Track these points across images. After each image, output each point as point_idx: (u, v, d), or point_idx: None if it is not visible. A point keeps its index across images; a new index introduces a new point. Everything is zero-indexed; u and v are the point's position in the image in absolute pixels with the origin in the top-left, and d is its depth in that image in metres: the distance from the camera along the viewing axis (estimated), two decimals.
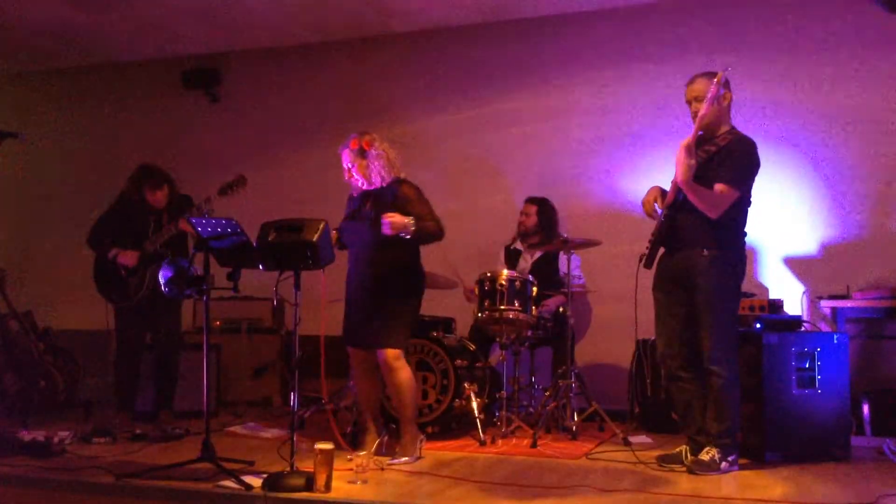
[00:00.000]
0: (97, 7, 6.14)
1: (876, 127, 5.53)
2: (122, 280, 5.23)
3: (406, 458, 4.16)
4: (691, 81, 4.03)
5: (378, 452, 4.21)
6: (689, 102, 4.03)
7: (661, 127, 5.88)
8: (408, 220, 4.06)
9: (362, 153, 4.27)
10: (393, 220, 4.05)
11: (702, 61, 4.95)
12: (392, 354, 4.20)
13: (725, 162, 3.92)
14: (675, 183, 3.95)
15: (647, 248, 4.07)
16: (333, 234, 4.27)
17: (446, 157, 6.44)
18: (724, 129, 4.02)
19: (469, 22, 6.43)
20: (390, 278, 4.23)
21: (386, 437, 4.43)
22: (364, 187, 4.32)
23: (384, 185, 4.27)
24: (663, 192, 4.08)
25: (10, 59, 7.29)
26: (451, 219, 4.39)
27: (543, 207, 5.74)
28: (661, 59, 5.97)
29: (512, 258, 5.79)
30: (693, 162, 3.84)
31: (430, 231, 4.19)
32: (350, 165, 4.29)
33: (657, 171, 5.61)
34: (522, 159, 6.34)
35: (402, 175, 4.33)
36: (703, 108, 3.88)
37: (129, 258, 5.21)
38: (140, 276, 5.19)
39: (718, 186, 3.88)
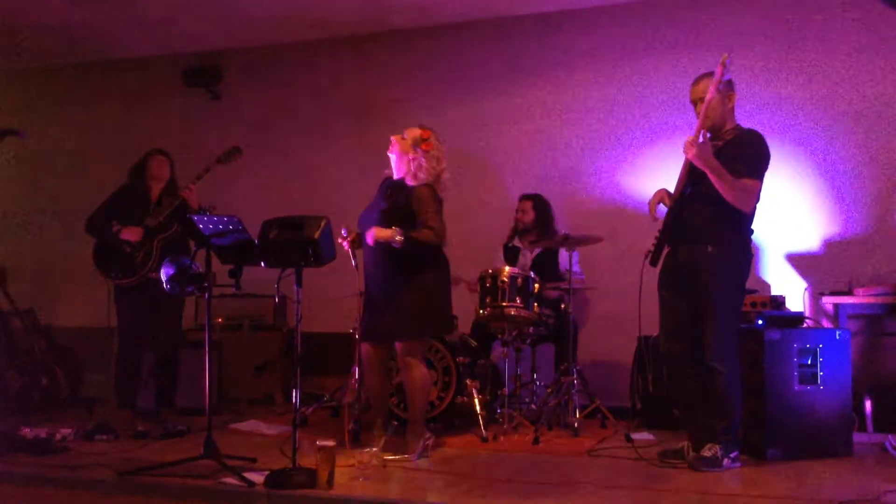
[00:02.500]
0: (97, 4, 6.13)
1: (879, 123, 5.52)
2: (127, 256, 5.20)
3: (405, 456, 4.15)
4: (696, 82, 4.02)
5: (384, 449, 4.22)
6: (693, 103, 4.01)
7: (662, 124, 5.88)
8: (392, 232, 4.03)
9: (418, 144, 4.23)
10: (377, 234, 4.07)
11: (704, 58, 4.94)
12: (404, 349, 4.19)
13: (737, 156, 3.89)
14: (681, 178, 3.94)
15: (653, 245, 4.07)
16: (353, 233, 4.29)
17: (446, 154, 6.42)
18: (729, 125, 4.02)
19: (469, 18, 6.42)
20: (401, 272, 4.19)
21: (390, 434, 4.41)
22: (396, 175, 4.31)
23: (408, 183, 4.24)
24: (670, 195, 4.08)
25: (10, 56, 7.29)
26: (450, 216, 4.38)
27: (539, 203, 5.74)
28: (662, 56, 5.96)
29: (511, 256, 5.79)
30: (706, 145, 3.80)
31: (423, 239, 4.10)
32: (406, 140, 4.25)
33: (658, 168, 5.63)
34: (522, 156, 6.33)
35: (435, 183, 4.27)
36: (709, 93, 3.84)
37: (132, 233, 5.19)
38: (147, 250, 5.18)
39: (744, 181, 3.86)
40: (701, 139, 3.78)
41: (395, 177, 4.34)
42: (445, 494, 3.51)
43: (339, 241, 4.22)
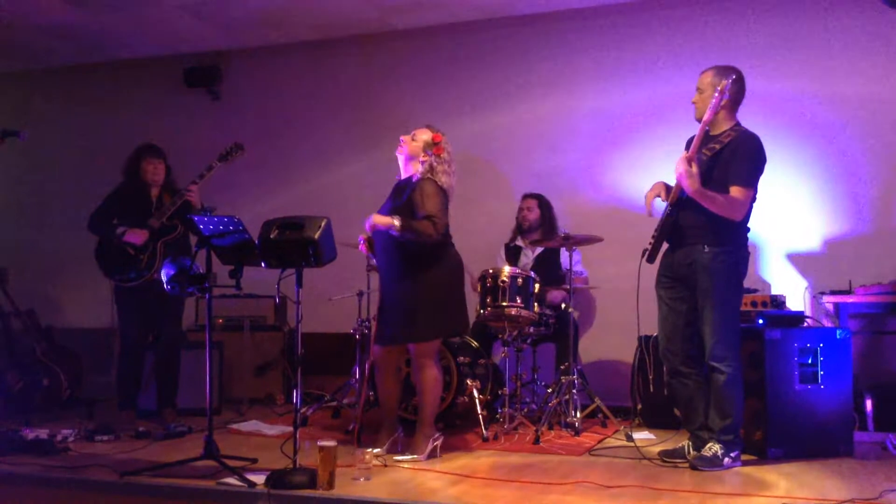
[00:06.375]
0: (97, 5, 6.14)
1: (879, 122, 5.52)
2: (131, 258, 5.19)
3: (415, 456, 4.13)
4: (703, 73, 4.04)
5: (391, 450, 4.21)
6: (697, 90, 4.03)
7: (662, 123, 5.87)
8: (391, 219, 4.02)
9: (430, 147, 4.20)
10: (375, 220, 4.09)
11: (704, 57, 4.94)
12: (417, 350, 4.16)
13: (733, 161, 3.90)
14: (678, 183, 3.94)
15: (650, 242, 4.07)
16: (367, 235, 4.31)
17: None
18: (727, 125, 4.01)
19: (470, 19, 6.42)
20: (411, 271, 4.14)
21: (400, 435, 4.35)
22: (403, 175, 4.29)
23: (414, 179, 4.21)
24: (667, 187, 4.08)
25: (11, 57, 7.29)
26: (452, 217, 4.38)
27: (543, 202, 5.76)
28: (662, 56, 5.97)
29: (513, 255, 5.79)
30: (696, 170, 3.83)
31: (420, 229, 4.02)
32: (416, 143, 4.21)
33: (658, 167, 5.61)
34: (523, 156, 6.33)
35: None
36: (706, 116, 3.87)
37: (137, 236, 5.19)
38: (151, 252, 5.18)
39: (734, 190, 3.87)
40: (694, 168, 3.82)
41: (403, 176, 4.33)
42: (446, 494, 3.51)
43: (359, 248, 4.35)
